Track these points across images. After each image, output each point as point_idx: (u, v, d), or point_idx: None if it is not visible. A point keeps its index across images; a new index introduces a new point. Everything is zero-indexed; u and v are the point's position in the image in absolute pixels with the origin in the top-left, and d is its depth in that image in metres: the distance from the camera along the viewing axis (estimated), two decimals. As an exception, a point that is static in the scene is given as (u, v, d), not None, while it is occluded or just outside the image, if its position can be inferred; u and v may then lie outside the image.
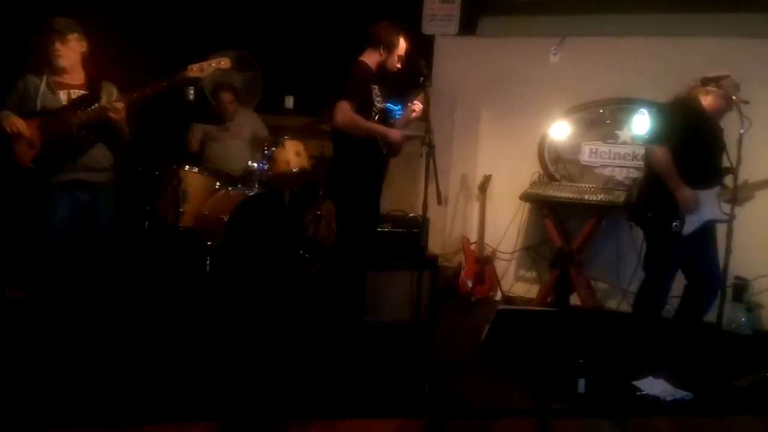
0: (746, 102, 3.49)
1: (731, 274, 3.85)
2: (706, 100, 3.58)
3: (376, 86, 3.77)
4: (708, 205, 3.52)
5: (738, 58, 4.17)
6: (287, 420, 2.81)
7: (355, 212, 3.76)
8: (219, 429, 2.70)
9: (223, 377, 3.16)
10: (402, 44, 3.80)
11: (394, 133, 3.73)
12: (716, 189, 3.55)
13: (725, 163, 3.57)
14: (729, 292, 4.04)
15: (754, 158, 3.62)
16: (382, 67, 3.79)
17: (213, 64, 3.60)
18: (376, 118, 3.76)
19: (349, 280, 3.81)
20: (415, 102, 3.83)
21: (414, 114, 3.84)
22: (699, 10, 4.82)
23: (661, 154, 3.47)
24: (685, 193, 3.45)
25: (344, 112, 3.55)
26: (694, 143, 3.47)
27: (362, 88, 3.64)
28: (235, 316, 4.18)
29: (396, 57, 3.78)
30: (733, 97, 3.43)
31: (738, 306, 4.48)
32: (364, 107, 3.64)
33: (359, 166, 3.73)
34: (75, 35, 3.42)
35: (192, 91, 4.46)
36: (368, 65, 3.75)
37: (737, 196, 3.44)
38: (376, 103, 3.75)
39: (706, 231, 3.54)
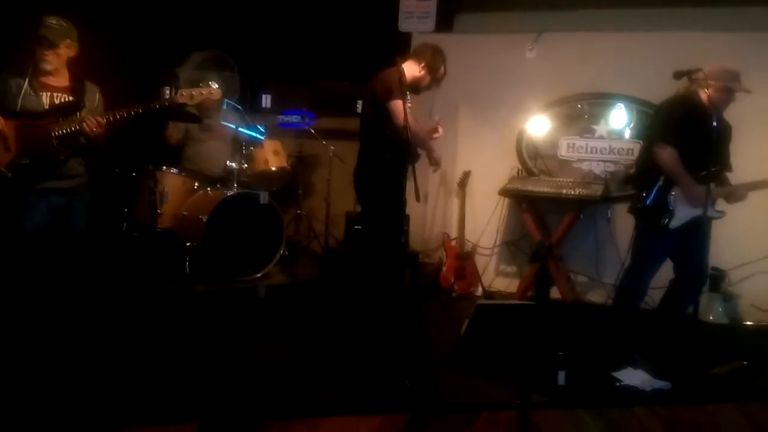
0: (748, 91, 3.53)
1: (708, 265, 3.91)
2: (705, 95, 3.56)
3: (408, 95, 3.83)
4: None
5: (714, 52, 4.22)
6: (268, 420, 2.80)
7: (385, 212, 3.81)
8: (198, 430, 2.68)
9: (202, 378, 3.14)
10: (442, 72, 3.96)
11: (429, 144, 3.89)
12: (708, 186, 3.49)
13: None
14: (706, 282, 4.11)
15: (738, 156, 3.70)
16: (416, 82, 3.92)
17: (204, 93, 3.61)
18: None
19: (386, 278, 3.87)
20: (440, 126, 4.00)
21: (436, 135, 4.02)
22: (674, 5, 4.89)
23: (667, 154, 3.47)
24: (695, 189, 3.46)
25: (401, 111, 3.56)
26: (692, 140, 3.47)
27: (404, 92, 3.65)
28: (213, 316, 4.16)
29: (432, 81, 3.95)
30: (733, 88, 3.48)
31: (715, 296, 4.55)
32: None
33: (390, 167, 3.73)
34: (66, 42, 3.36)
35: (168, 91, 4.43)
36: (402, 72, 3.74)
37: (731, 196, 3.49)
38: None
39: (697, 226, 3.52)
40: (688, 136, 3.46)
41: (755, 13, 4.64)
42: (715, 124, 3.44)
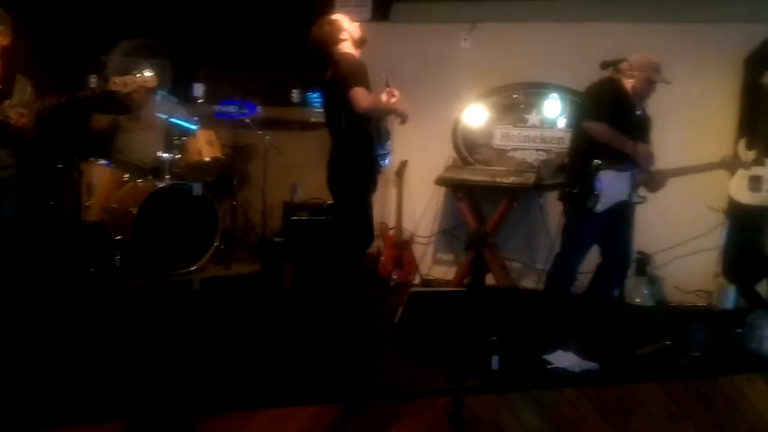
0: (668, 82, 3.65)
1: (634, 249, 4.05)
2: (629, 84, 3.68)
3: None
4: (622, 187, 3.61)
5: (646, 43, 4.36)
6: (201, 414, 2.75)
7: (356, 206, 3.81)
8: (129, 427, 2.61)
9: (134, 374, 3.06)
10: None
11: (400, 110, 3.77)
12: (632, 172, 3.62)
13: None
14: (632, 266, 4.26)
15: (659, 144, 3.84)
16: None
17: (138, 81, 3.48)
18: None
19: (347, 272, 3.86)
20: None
21: (394, 99, 3.83)
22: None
23: (602, 128, 3.54)
24: (642, 149, 3.56)
25: (365, 96, 3.53)
26: (618, 125, 3.56)
27: (366, 76, 3.62)
28: (146, 311, 4.06)
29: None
30: (653, 79, 3.59)
31: (641, 279, 4.72)
32: None
33: (362, 160, 3.73)
34: (1, 29, 3.20)
35: (94, 80, 4.27)
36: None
37: (652, 183, 3.61)
38: None
39: (621, 212, 3.64)
40: (614, 120, 3.56)
41: (679, 4, 4.81)
42: (639, 113, 3.56)
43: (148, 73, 3.58)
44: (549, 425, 3.02)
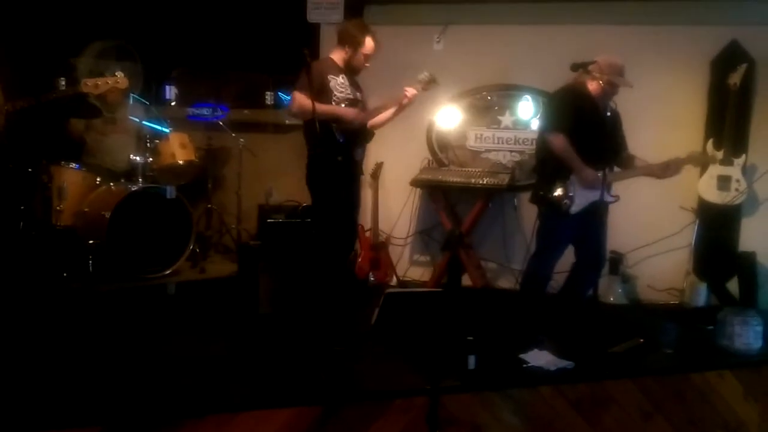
0: (630, 86, 3.72)
1: (607, 248, 4.11)
2: (592, 86, 3.75)
3: (339, 77, 3.92)
4: (594, 188, 3.65)
5: (617, 45, 4.43)
6: (178, 418, 2.72)
7: (322, 203, 3.96)
8: (103, 433, 2.58)
9: (108, 379, 3.02)
10: (369, 44, 3.95)
11: (349, 112, 3.82)
12: (605, 171, 3.64)
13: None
14: (606, 265, 4.32)
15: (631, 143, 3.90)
16: (349, 64, 3.97)
17: (109, 82, 3.46)
18: (343, 106, 3.93)
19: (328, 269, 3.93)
20: (407, 88, 3.99)
21: (406, 100, 4.02)
22: (574, -1, 5.08)
23: (559, 141, 3.62)
24: (587, 173, 3.62)
25: (294, 100, 3.81)
26: (582, 127, 3.63)
27: (315, 80, 3.73)
28: (120, 316, 4.01)
29: (362, 56, 3.95)
30: (616, 83, 3.65)
31: (614, 278, 4.78)
32: (323, 98, 3.80)
33: (319, 157, 3.88)
34: None
35: (63, 83, 4.21)
36: (331, 59, 3.98)
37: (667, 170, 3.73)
38: (337, 93, 3.86)
39: (594, 212, 3.70)
40: (579, 125, 3.62)
41: (649, 6, 4.89)
42: (606, 113, 3.62)
43: (119, 75, 3.55)
44: (526, 423, 3.05)
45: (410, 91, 4.01)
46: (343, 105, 3.93)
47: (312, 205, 4.12)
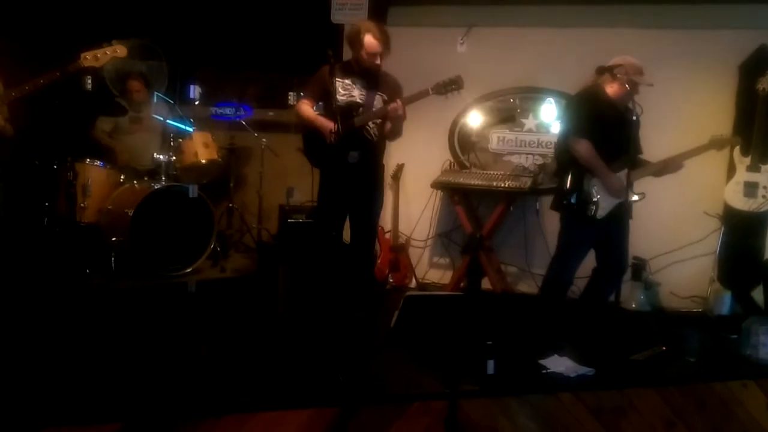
0: (650, 84, 3.67)
1: (630, 254, 4.05)
2: (612, 88, 3.70)
3: (346, 79, 3.92)
4: None
5: (643, 48, 4.36)
6: (195, 417, 2.74)
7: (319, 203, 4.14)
8: (122, 430, 2.60)
9: (128, 376, 3.05)
10: (368, 41, 3.87)
11: (324, 126, 3.85)
12: (625, 171, 3.62)
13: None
14: (628, 271, 4.26)
15: (647, 141, 3.84)
16: (358, 65, 3.94)
17: (108, 53, 3.42)
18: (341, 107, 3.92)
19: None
20: (397, 101, 3.92)
21: (393, 112, 3.92)
22: (598, 2, 5.02)
23: (584, 147, 3.57)
24: (612, 181, 3.58)
25: (297, 107, 4.02)
26: (604, 131, 3.59)
27: (316, 83, 3.90)
28: (141, 313, 4.04)
29: (366, 54, 3.88)
30: (637, 82, 3.60)
31: (637, 284, 4.71)
32: (326, 100, 3.88)
33: (316, 159, 4.07)
34: None
35: (89, 81, 4.25)
36: (347, 62, 4.02)
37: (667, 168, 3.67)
38: (338, 96, 3.84)
39: (617, 216, 3.65)
40: (599, 128, 3.58)
41: (675, 10, 4.83)
42: (627, 114, 3.58)
43: (115, 43, 3.51)
44: (544, 430, 3.02)
45: (394, 106, 3.91)
46: (341, 105, 3.86)
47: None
